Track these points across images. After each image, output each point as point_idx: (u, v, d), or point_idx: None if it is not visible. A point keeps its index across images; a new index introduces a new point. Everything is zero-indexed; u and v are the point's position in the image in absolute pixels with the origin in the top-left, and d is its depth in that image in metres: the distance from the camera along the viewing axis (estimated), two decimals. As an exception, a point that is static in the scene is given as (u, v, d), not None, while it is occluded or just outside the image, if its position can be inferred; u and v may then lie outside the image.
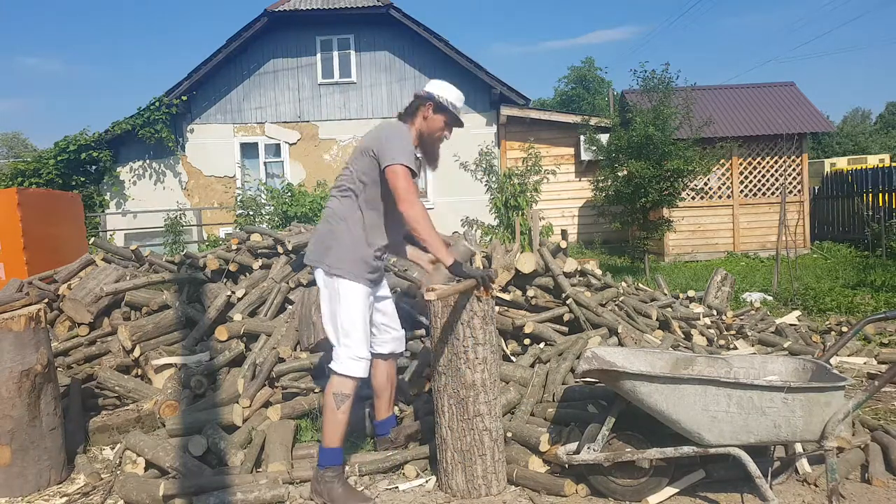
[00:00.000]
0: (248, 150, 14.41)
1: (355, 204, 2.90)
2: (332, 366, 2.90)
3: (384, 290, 3.19)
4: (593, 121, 12.00)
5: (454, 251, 3.10)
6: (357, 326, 2.87)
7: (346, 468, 3.13)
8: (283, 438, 3.27)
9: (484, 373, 2.87)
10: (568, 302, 4.40)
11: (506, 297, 4.47)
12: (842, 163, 20.49)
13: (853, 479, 2.99)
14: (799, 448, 2.98)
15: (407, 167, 2.76)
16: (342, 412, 2.86)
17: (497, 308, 4.42)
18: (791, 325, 6.18)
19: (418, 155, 3.04)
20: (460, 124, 3.09)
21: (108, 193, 14.29)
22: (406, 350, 4.15)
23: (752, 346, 5.40)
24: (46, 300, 4.60)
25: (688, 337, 5.00)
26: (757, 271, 10.56)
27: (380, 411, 3.31)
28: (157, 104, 13.62)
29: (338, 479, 2.85)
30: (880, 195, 13.11)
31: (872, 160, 19.89)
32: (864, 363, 4.98)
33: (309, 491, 2.91)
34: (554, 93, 43.72)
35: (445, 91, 3.00)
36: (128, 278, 4.79)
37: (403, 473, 3.13)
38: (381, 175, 2.83)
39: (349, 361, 2.85)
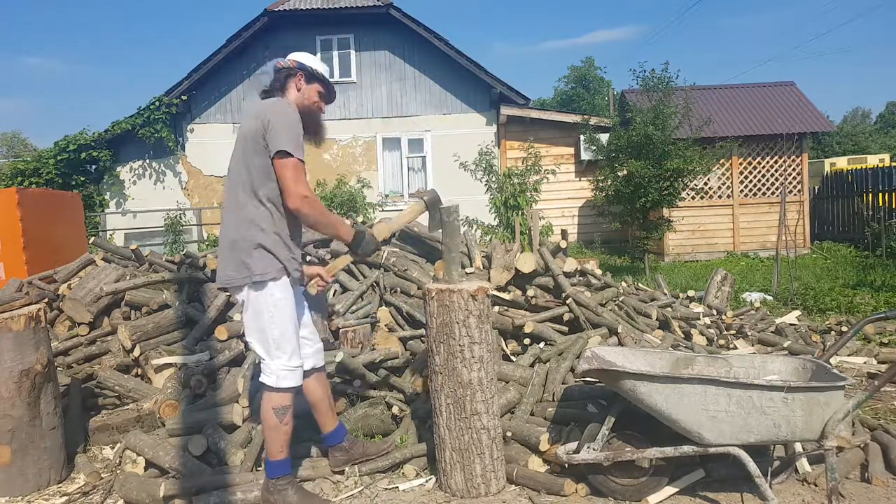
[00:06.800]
0: (248, 149, 14.40)
1: (262, 202, 2.68)
2: (265, 380, 2.74)
3: (301, 297, 2.99)
4: (593, 120, 12.02)
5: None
6: (288, 336, 2.73)
7: (347, 469, 3.13)
8: (282, 438, 3.27)
9: (480, 371, 2.87)
10: (568, 302, 4.40)
11: (506, 296, 4.47)
12: (842, 162, 20.46)
13: (853, 479, 2.99)
14: (799, 447, 2.98)
15: (297, 158, 2.61)
16: (285, 423, 2.74)
17: (497, 308, 4.43)
18: (791, 324, 6.19)
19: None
20: (334, 95, 2.97)
21: (108, 193, 14.30)
22: (407, 350, 4.16)
23: (752, 345, 5.40)
24: (46, 300, 4.60)
25: (688, 337, 5.00)
26: (757, 271, 10.57)
27: (324, 425, 3.11)
28: (156, 104, 13.62)
29: (291, 486, 2.77)
30: (880, 195, 13.10)
31: (872, 160, 19.86)
32: (864, 363, 4.99)
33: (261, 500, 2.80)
34: (554, 93, 43.68)
35: (312, 61, 2.88)
36: (128, 278, 4.79)
37: (403, 473, 3.13)
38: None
39: (284, 373, 2.72)
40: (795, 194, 12.95)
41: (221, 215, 2.86)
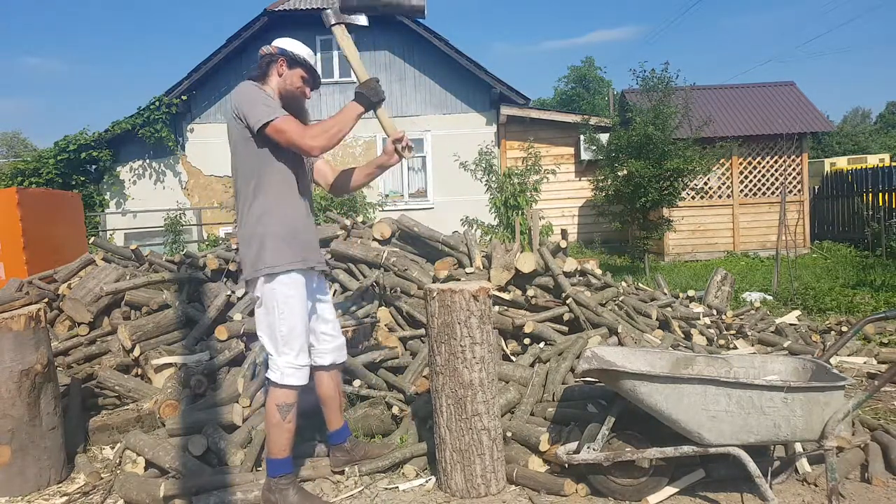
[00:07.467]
0: (248, 149, 14.41)
1: (264, 193, 2.71)
2: (271, 376, 2.76)
3: (324, 292, 3.02)
4: (593, 120, 12.02)
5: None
6: (297, 333, 2.74)
7: (347, 469, 3.13)
8: (282, 438, 3.26)
9: (481, 372, 2.87)
10: (568, 301, 4.40)
11: (506, 296, 4.47)
12: (842, 162, 20.46)
13: (853, 479, 2.99)
14: (799, 448, 2.98)
15: (278, 116, 2.62)
16: (288, 421, 2.74)
17: (497, 308, 4.42)
18: (791, 324, 6.19)
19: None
20: (318, 80, 2.97)
21: (108, 193, 14.30)
22: (407, 350, 4.16)
23: (752, 345, 5.40)
24: (46, 300, 4.60)
25: (688, 336, 5.00)
26: (757, 271, 10.57)
27: (331, 422, 3.12)
28: (156, 103, 13.62)
29: (292, 486, 2.77)
30: (880, 195, 13.10)
31: (872, 160, 19.86)
32: (864, 363, 4.98)
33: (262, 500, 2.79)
34: (554, 93, 43.64)
35: (295, 46, 2.87)
36: (128, 278, 4.79)
37: (403, 473, 3.13)
38: (268, 145, 2.68)
39: (289, 370, 2.73)
40: (795, 194, 12.95)
41: (236, 213, 2.88)
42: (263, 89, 2.77)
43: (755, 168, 13.04)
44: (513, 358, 4.04)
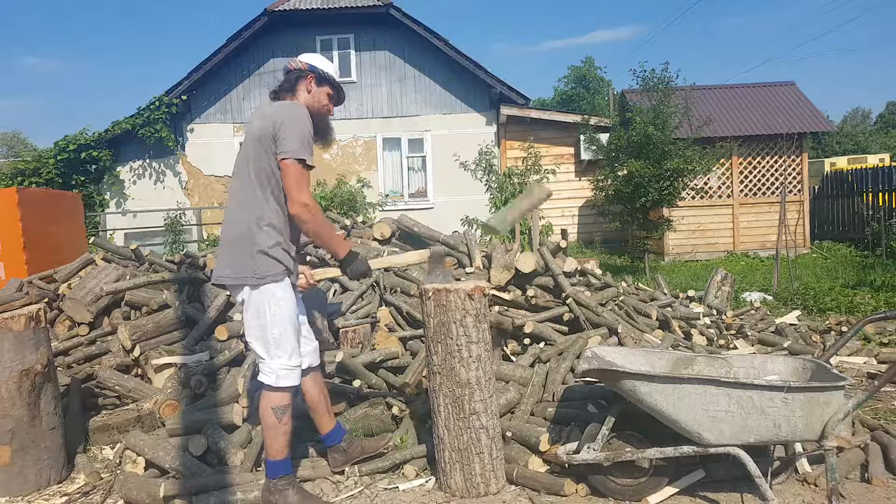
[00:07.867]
0: (248, 149, 14.39)
1: (268, 202, 2.69)
2: (265, 380, 2.74)
3: (299, 297, 2.99)
4: (593, 120, 12.02)
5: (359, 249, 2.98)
6: (288, 335, 2.73)
7: (347, 469, 3.13)
8: (282, 438, 3.26)
9: (478, 371, 2.86)
10: (568, 301, 4.40)
11: (506, 296, 4.47)
12: (842, 162, 20.49)
13: (853, 479, 2.99)
14: (799, 448, 2.98)
15: (303, 162, 2.63)
16: (284, 423, 2.74)
17: (497, 308, 4.43)
18: (791, 324, 6.19)
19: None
20: (343, 98, 3.00)
21: (108, 193, 14.30)
22: (407, 350, 4.16)
23: (752, 345, 5.40)
24: (46, 299, 4.59)
25: (688, 336, 5.00)
26: (757, 271, 10.57)
27: (322, 426, 3.10)
28: (157, 103, 13.62)
29: (291, 486, 2.77)
30: (880, 195, 13.10)
31: (872, 160, 19.89)
32: (864, 363, 4.98)
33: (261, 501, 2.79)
34: (554, 92, 43.61)
35: (324, 63, 2.90)
36: (128, 278, 4.79)
37: (403, 473, 3.13)
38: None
39: (283, 373, 2.72)
40: (795, 194, 12.94)
41: (225, 213, 2.85)
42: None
43: (755, 168, 13.04)
44: (513, 358, 4.04)
